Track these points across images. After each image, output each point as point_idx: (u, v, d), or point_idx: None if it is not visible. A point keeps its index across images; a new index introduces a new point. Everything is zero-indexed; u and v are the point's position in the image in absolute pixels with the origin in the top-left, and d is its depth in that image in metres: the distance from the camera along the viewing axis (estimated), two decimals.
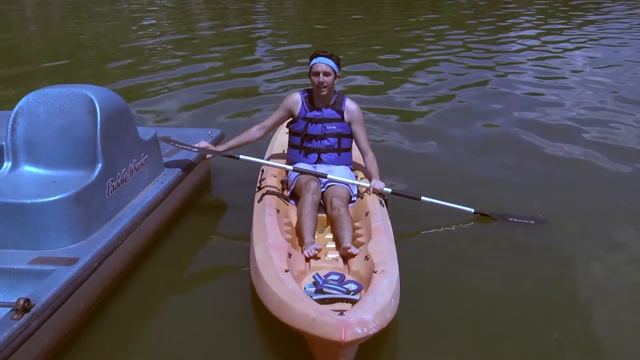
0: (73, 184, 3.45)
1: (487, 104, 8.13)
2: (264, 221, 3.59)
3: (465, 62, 10.98)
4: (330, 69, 4.15)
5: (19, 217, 3.24)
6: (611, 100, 8.37)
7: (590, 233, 4.39)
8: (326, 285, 2.96)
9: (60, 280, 2.96)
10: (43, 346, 2.82)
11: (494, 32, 15.57)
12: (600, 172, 5.64)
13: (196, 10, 22.20)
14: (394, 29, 16.09)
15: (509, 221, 4.46)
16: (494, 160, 5.91)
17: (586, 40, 14.05)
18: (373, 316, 2.58)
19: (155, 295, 3.64)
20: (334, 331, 2.46)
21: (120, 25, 17.23)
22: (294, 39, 14.33)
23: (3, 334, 2.54)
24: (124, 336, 3.24)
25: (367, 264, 3.17)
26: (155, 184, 4.21)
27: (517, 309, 3.45)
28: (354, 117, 4.30)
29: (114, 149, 3.72)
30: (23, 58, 11.95)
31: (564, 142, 6.42)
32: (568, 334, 3.22)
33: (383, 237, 3.43)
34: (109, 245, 3.39)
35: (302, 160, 4.30)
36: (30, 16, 21.12)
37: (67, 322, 3.03)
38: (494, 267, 3.91)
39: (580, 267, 3.94)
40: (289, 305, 2.72)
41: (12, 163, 3.69)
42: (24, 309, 2.67)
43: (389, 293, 2.80)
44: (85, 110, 3.69)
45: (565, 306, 3.50)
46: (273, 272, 3.01)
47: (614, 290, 3.71)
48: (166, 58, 11.50)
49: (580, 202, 4.90)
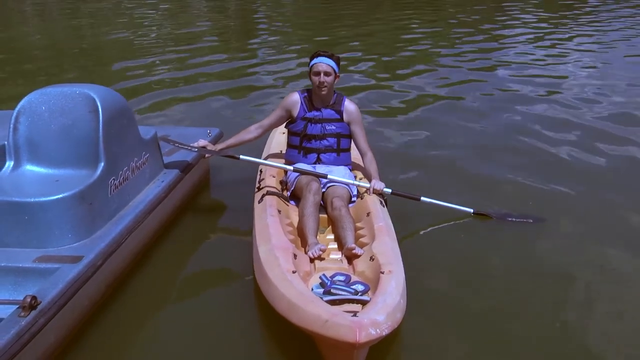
0: (76, 182, 3.45)
1: (487, 104, 8.15)
2: (266, 222, 3.59)
3: (465, 63, 10.98)
4: (330, 69, 4.17)
5: (23, 216, 3.24)
6: (611, 100, 8.38)
7: (590, 232, 4.43)
8: (334, 286, 2.98)
9: (66, 278, 2.97)
10: (49, 343, 2.83)
11: (494, 31, 15.58)
12: (599, 171, 5.66)
13: (196, 7, 22.12)
14: (393, 28, 16.06)
15: (508, 221, 4.50)
16: (493, 160, 5.93)
17: (588, 38, 14.07)
18: (385, 317, 2.59)
19: (156, 293, 3.65)
20: (348, 332, 2.46)
21: (118, 24, 17.14)
22: (294, 38, 14.30)
23: (11, 331, 2.55)
24: (126, 333, 3.25)
25: (373, 264, 3.19)
26: (155, 182, 4.22)
27: (519, 309, 3.48)
28: (353, 117, 4.32)
29: (115, 148, 3.73)
30: (22, 58, 11.90)
31: (564, 141, 6.46)
32: (570, 332, 3.27)
33: (386, 237, 3.45)
34: (112, 243, 3.40)
35: (301, 160, 4.32)
36: (29, 14, 20.97)
37: (72, 319, 3.04)
38: (495, 267, 3.95)
39: (581, 265, 3.97)
40: (300, 307, 2.71)
41: (14, 162, 3.69)
42: (31, 306, 2.67)
43: (397, 293, 2.83)
44: (87, 110, 3.69)
45: (566, 305, 3.54)
46: (280, 273, 3.02)
47: (615, 289, 3.74)
48: (165, 56, 11.47)
49: (580, 201, 4.94)
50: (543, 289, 3.67)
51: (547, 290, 3.67)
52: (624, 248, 4.21)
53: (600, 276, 3.89)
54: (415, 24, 16.56)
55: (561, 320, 3.38)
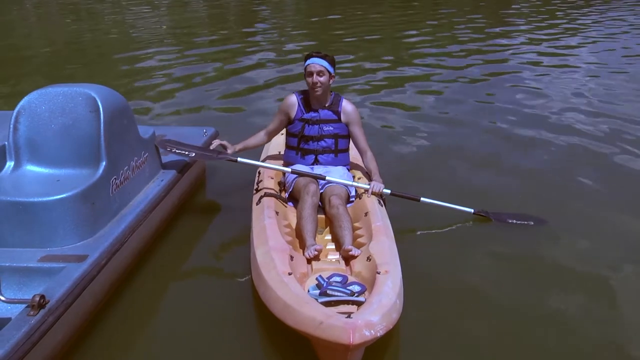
0: (77, 182, 3.50)
1: (487, 104, 8.19)
2: (264, 223, 3.62)
3: (465, 62, 11.01)
4: (324, 69, 4.20)
5: (27, 216, 3.29)
6: (612, 99, 8.40)
7: (589, 231, 4.47)
8: (330, 287, 3.01)
9: (72, 277, 3.03)
10: (57, 341, 2.89)
11: (494, 30, 15.59)
12: (600, 173, 5.66)
13: (195, 8, 22.01)
14: (394, 27, 16.04)
15: (508, 222, 4.51)
16: (493, 160, 5.96)
17: (590, 38, 14.10)
18: (380, 318, 2.60)
19: (156, 293, 3.72)
20: (342, 334, 2.48)
21: (117, 23, 17.08)
22: (292, 39, 14.23)
23: (22, 330, 2.60)
24: (128, 332, 3.32)
25: (370, 264, 3.22)
26: (155, 181, 4.28)
27: (518, 309, 3.51)
28: (352, 117, 4.35)
29: (117, 147, 3.78)
30: (21, 58, 11.86)
31: (564, 143, 6.50)
32: (570, 333, 3.31)
33: (384, 237, 3.47)
34: (115, 242, 3.46)
35: (299, 161, 4.36)
36: (29, 14, 20.81)
37: (78, 318, 3.10)
38: (495, 267, 3.98)
39: (581, 266, 4.00)
40: (295, 309, 2.73)
41: (14, 162, 3.73)
42: (40, 305, 2.73)
43: (393, 294, 2.85)
44: (88, 109, 3.73)
45: (566, 306, 3.57)
46: (276, 275, 3.04)
47: (615, 288, 3.76)
48: (163, 55, 11.46)
49: (581, 203, 4.96)
50: (543, 291, 3.70)
51: (548, 291, 3.70)
52: (625, 249, 4.23)
53: (600, 276, 3.89)
54: (415, 23, 16.54)
55: (562, 320, 3.42)
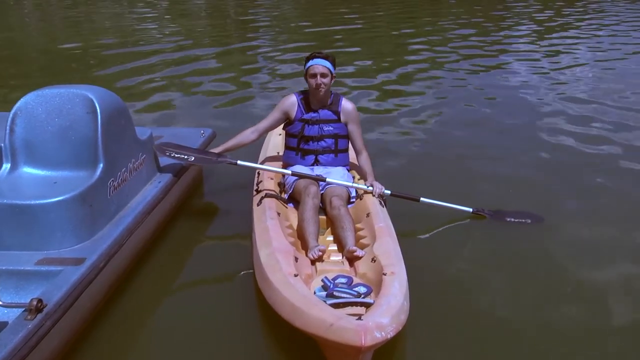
0: (75, 184, 3.44)
1: (487, 104, 8.18)
2: (266, 225, 3.58)
3: (465, 62, 11.01)
4: (327, 70, 4.18)
5: (24, 218, 3.23)
6: (612, 100, 8.40)
7: (589, 231, 4.48)
8: (336, 289, 2.99)
9: (70, 280, 2.97)
10: (54, 346, 2.83)
11: (494, 31, 15.63)
12: (598, 172, 5.68)
13: (194, 9, 21.98)
14: (391, 27, 16.05)
15: (506, 221, 4.53)
16: (492, 160, 5.96)
17: (590, 37, 14.14)
18: (390, 319, 2.58)
19: (157, 294, 3.67)
20: (354, 336, 2.46)
21: (115, 25, 17.00)
22: (290, 39, 14.17)
23: (19, 335, 2.55)
24: (127, 336, 3.27)
25: (375, 266, 3.20)
26: (153, 183, 4.22)
27: (521, 308, 3.51)
28: (351, 116, 4.34)
29: (114, 149, 3.72)
30: (18, 59, 11.79)
31: (563, 143, 6.51)
32: (570, 333, 3.31)
33: (387, 238, 3.46)
34: (113, 245, 3.40)
35: (299, 162, 4.33)
36: (27, 14, 20.71)
37: (76, 321, 3.04)
38: (495, 267, 3.98)
39: (579, 265, 4.02)
40: (304, 311, 2.70)
41: (11, 164, 3.65)
42: (37, 309, 2.67)
43: (400, 295, 2.83)
44: (85, 111, 3.67)
45: (566, 306, 3.57)
46: (282, 277, 3.00)
47: (616, 287, 3.77)
48: (161, 56, 11.38)
49: (578, 201, 4.97)
50: (544, 289, 3.70)
51: (548, 290, 3.70)
52: (624, 249, 4.23)
53: (600, 277, 3.90)
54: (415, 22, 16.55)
55: (562, 321, 3.41)
